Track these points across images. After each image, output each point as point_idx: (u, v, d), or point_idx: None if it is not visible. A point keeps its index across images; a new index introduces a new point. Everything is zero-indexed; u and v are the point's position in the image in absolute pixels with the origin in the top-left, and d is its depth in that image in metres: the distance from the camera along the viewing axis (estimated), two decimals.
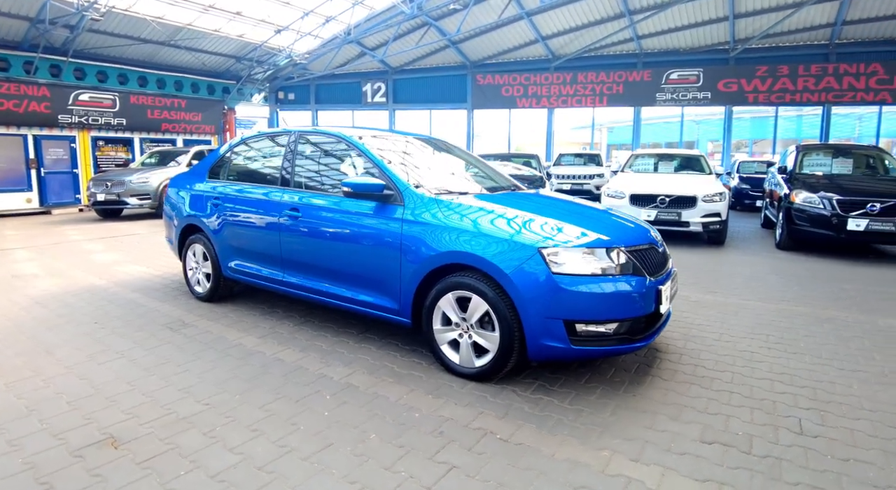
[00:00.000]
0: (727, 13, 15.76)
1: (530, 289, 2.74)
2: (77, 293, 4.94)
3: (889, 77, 16.10)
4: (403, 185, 3.32)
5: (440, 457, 2.26)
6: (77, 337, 3.71)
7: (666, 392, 3.00)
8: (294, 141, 4.06)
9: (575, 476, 2.18)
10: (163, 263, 6.37)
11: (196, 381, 2.98)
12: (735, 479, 2.22)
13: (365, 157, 3.62)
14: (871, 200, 7.12)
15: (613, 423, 2.63)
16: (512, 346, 2.83)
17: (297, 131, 4.08)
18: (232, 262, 4.30)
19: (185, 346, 3.52)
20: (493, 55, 19.85)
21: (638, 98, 18.94)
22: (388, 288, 3.28)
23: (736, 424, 2.67)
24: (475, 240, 2.92)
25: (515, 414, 2.67)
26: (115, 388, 2.88)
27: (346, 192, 3.37)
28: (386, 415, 2.61)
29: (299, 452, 2.27)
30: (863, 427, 2.69)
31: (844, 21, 15.48)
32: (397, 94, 21.50)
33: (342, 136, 3.84)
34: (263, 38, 17.96)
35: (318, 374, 3.08)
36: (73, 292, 4.97)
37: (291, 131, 4.12)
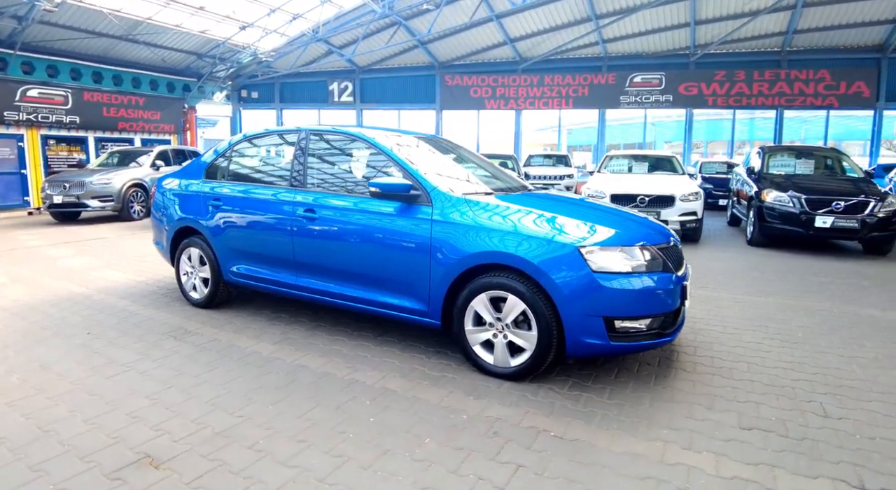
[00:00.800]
0: (689, 20, 16.35)
1: (571, 287, 2.77)
2: (56, 302, 4.64)
3: (835, 83, 17.08)
4: (430, 186, 3.29)
5: (502, 457, 2.26)
6: (72, 350, 3.49)
7: (693, 383, 3.09)
8: (304, 139, 3.93)
9: (637, 468, 2.23)
10: (144, 268, 6.08)
11: (221, 393, 2.85)
12: (783, 461, 2.33)
13: (385, 157, 3.55)
14: (836, 199, 7.54)
15: (655, 415, 2.70)
16: (550, 345, 2.85)
17: (308, 130, 3.96)
18: (235, 267, 4.14)
19: (197, 356, 3.37)
20: (461, 56, 19.93)
21: (602, 100, 19.41)
22: (416, 289, 3.23)
23: (766, 411, 2.79)
24: (512, 240, 2.93)
25: (560, 411, 2.69)
26: (134, 404, 2.72)
27: (374, 192, 3.29)
28: (433, 418, 2.58)
29: (357, 461, 2.20)
30: (877, 408, 2.87)
31: (795, 30, 16.33)
32: (364, 93, 21.29)
33: (360, 136, 3.76)
34: (227, 34, 17.44)
35: (350, 380, 3.00)
36: (51, 301, 4.67)
37: (301, 129, 3.99)
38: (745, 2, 15.34)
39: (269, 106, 22.06)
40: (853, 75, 16.93)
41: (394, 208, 3.33)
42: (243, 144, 4.37)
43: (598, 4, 16.14)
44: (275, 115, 22.15)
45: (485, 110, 20.52)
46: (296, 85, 21.62)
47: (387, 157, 3.54)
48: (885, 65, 16.66)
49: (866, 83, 16.87)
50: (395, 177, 3.39)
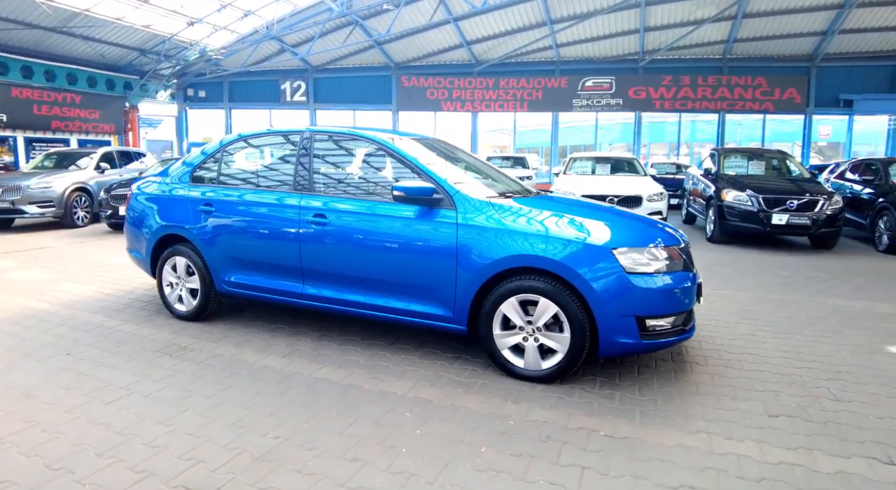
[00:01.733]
0: (639, 26, 17.01)
1: (606, 289, 2.80)
2: (17, 321, 4.14)
3: (771, 89, 18.24)
4: (452, 189, 3.21)
5: (564, 460, 2.24)
6: (55, 374, 3.10)
7: (711, 376, 3.19)
8: (308, 141, 3.73)
9: (692, 459, 2.28)
10: (108, 279, 5.62)
11: (244, 413, 2.63)
12: (816, 444, 2.45)
13: (400, 160, 3.43)
14: (790, 198, 8.03)
15: (688, 409, 2.76)
16: (583, 346, 2.86)
17: (312, 131, 3.77)
18: (230, 276, 3.86)
19: (203, 374, 3.12)
20: (417, 57, 19.89)
21: (556, 104, 19.88)
22: (441, 295, 3.15)
23: (785, 398, 2.92)
24: (544, 243, 2.91)
25: (600, 410, 2.70)
26: (150, 431, 2.43)
27: (398, 196, 3.16)
28: (480, 426, 2.51)
29: (422, 477, 2.10)
30: (877, 390, 3.07)
31: (736, 39, 17.31)
32: (318, 93, 20.87)
33: (371, 138, 3.61)
34: (174, 30, 16.65)
35: (379, 391, 2.87)
36: (10, 320, 4.17)
37: (304, 131, 3.80)
38: (691, 11, 16.11)
39: (218, 105, 21.23)
40: (787, 82, 18.13)
41: (414, 212, 3.23)
42: (237, 145, 4.11)
43: (553, 9, 16.51)
44: (223, 115, 21.35)
45: (441, 112, 20.56)
46: (246, 84, 20.92)
47: (402, 160, 3.42)
48: (814, 73, 17.94)
49: (798, 90, 18.11)
50: (416, 180, 3.25)
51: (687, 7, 15.96)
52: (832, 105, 17.94)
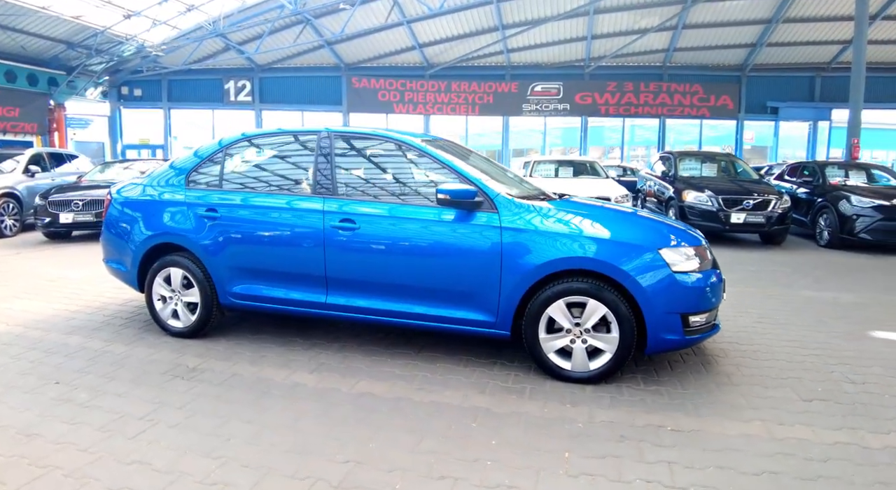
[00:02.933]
0: (586, 34, 17.60)
1: (655, 288, 2.85)
2: None
3: (707, 96, 19.39)
4: (493, 192, 3.13)
5: (648, 458, 2.24)
6: (50, 407, 2.68)
7: (736, 367, 3.32)
8: (327, 141, 3.52)
9: (759, 446, 2.37)
10: (68, 295, 4.99)
11: (296, 437, 2.38)
12: (855, 422, 2.62)
13: (434, 161, 3.33)
14: (746, 198, 8.54)
15: (731, 399, 2.86)
16: (632, 345, 2.90)
17: (331, 131, 3.56)
18: (238, 287, 3.55)
19: (228, 397, 2.81)
20: (368, 58, 19.65)
21: (506, 108, 20.22)
22: (483, 300, 3.05)
23: (809, 384, 3.08)
24: (594, 245, 2.91)
25: (655, 406, 2.74)
26: (198, 467, 2.14)
27: (443, 199, 3.03)
28: (551, 431, 2.46)
29: (521, 488, 2.03)
30: (880, 371, 3.31)
31: (675, 48, 18.28)
32: (264, 93, 20.17)
33: (400, 139, 3.47)
34: (108, 22, 15.56)
35: (432, 403, 2.74)
36: None
37: (321, 131, 3.57)
38: (636, 20, 16.87)
39: (156, 105, 20.07)
40: (721, 90, 19.34)
41: (453, 216, 3.11)
42: (240, 145, 3.82)
43: (505, 15, 16.79)
44: (162, 115, 20.20)
45: (393, 114, 20.40)
46: (187, 83, 19.88)
47: (437, 162, 3.32)
48: (744, 82, 19.24)
49: (730, 97, 19.36)
50: (457, 183, 3.13)
51: (632, 16, 16.70)
52: (760, 111, 19.29)
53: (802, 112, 19.05)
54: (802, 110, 19.03)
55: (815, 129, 19.36)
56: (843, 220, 8.37)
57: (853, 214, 8.27)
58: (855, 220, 8.23)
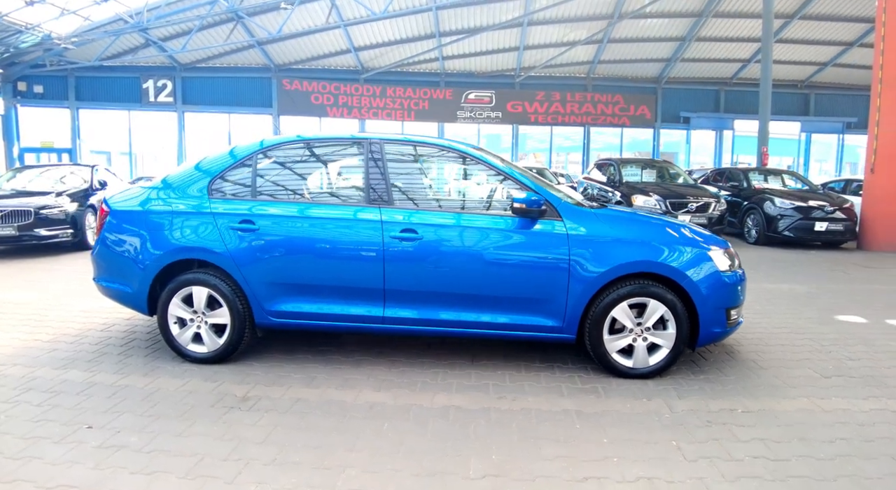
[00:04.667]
0: (519, 44, 18.26)
1: (708, 286, 3.10)
2: None
3: (627, 106, 20.77)
4: (557, 199, 3.21)
5: (742, 436, 2.46)
6: (104, 457, 2.26)
7: (755, 353, 3.66)
8: (376, 150, 3.39)
9: (818, 418, 2.69)
10: (22, 321, 4.21)
11: (417, 459, 2.27)
12: (873, 392, 3.04)
13: (488, 169, 3.36)
14: (689, 201, 9.29)
15: (769, 380, 3.18)
16: (685, 340, 3.13)
17: (378, 139, 3.43)
18: (278, 305, 3.31)
19: (309, 425, 2.59)
20: (300, 60, 19.12)
21: (441, 115, 20.46)
22: (551, 306, 3.12)
23: (820, 364, 3.47)
24: (655, 249, 3.10)
25: (717, 393, 2.97)
26: None
27: (518, 208, 3.07)
28: (648, 424, 2.58)
29: (661, 478, 2.12)
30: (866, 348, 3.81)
31: (600, 61, 19.43)
32: (187, 93, 18.99)
33: (456, 148, 3.45)
34: (4, 8, 13.92)
35: (523, 411, 2.73)
36: None
37: (370, 138, 3.43)
38: (566, 33, 17.76)
39: (61, 104, 18.25)
40: (639, 100, 20.80)
41: (516, 224, 3.15)
42: (274, 152, 3.54)
43: (443, 22, 17.04)
44: (69, 115, 18.37)
45: (327, 118, 19.98)
46: (99, 80, 18.26)
47: (498, 171, 3.36)
48: (660, 93, 20.83)
49: (648, 107, 20.87)
50: (524, 191, 3.17)
51: (563, 29, 17.57)
52: (674, 121, 20.97)
53: (710, 122, 20.96)
54: (710, 120, 20.94)
55: (720, 137, 21.35)
56: (768, 219, 9.34)
57: (777, 215, 9.26)
58: (779, 219, 9.22)
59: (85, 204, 8.29)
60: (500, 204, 3.39)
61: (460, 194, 3.50)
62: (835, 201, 9.30)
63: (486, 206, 3.48)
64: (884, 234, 8.72)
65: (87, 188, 8.72)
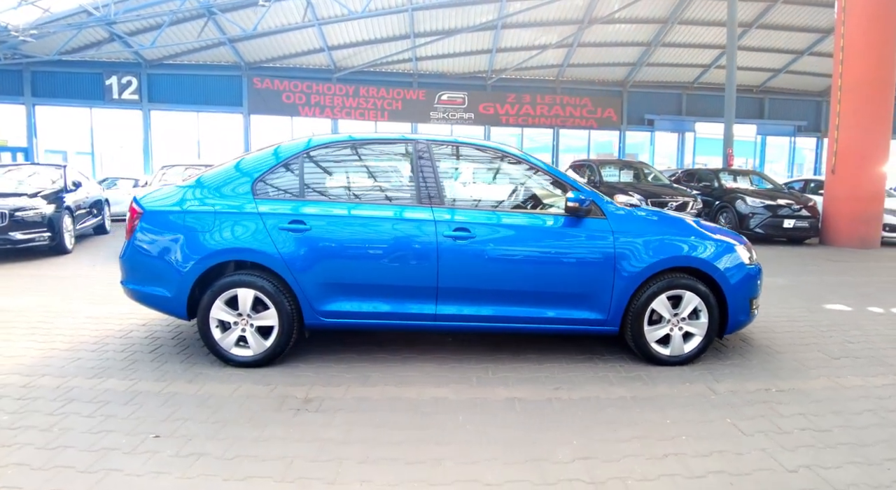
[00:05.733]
0: (491, 47, 18.55)
1: (737, 279, 3.39)
2: None
3: (595, 109, 21.39)
4: (600, 199, 3.38)
5: (784, 412, 2.77)
6: (185, 466, 2.21)
7: (767, 340, 3.99)
8: (425, 151, 3.46)
9: (842, 393, 3.02)
10: (31, 330, 3.97)
11: (509, 450, 2.38)
12: (878, 370, 3.40)
13: (530, 168, 3.54)
14: (669, 200, 9.76)
15: (788, 364, 3.49)
16: (716, 329, 3.39)
17: (426, 140, 3.52)
18: (329, 305, 3.32)
19: (392, 422, 2.62)
20: (271, 59, 18.83)
21: (414, 115, 20.53)
22: (596, 300, 3.31)
23: (826, 347, 3.82)
24: (690, 245, 3.35)
25: (748, 375, 3.26)
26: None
27: (572, 207, 3.24)
28: (699, 406, 2.81)
29: (727, 452, 2.34)
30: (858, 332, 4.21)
31: (569, 64, 19.94)
32: (154, 91, 18.40)
33: (501, 149, 3.60)
34: None
35: (583, 399, 2.90)
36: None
37: (419, 139, 3.52)
38: (537, 37, 18.16)
39: (15, 100, 17.36)
40: (606, 103, 21.45)
41: (565, 223, 3.32)
42: (321, 152, 3.55)
43: (418, 23, 17.14)
44: (24, 112, 17.49)
45: (299, 117, 19.75)
46: (57, 75, 17.46)
47: (543, 171, 3.52)
48: (625, 96, 21.55)
49: (614, 110, 21.55)
50: (572, 191, 3.33)
51: (535, 33, 17.96)
52: (639, 123, 21.74)
53: (673, 124, 21.83)
54: (672, 123, 21.81)
55: (682, 139, 22.27)
56: (740, 217, 9.90)
57: (749, 213, 9.84)
58: (750, 217, 9.80)
59: (61, 206, 7.97)
60: (549, 203, 3.56)
61: (507, 194, 3.65)
62: (800, 200, 9.95)
63: (534, 206, 3.64)
64: (845, 230, 9.39)
65: (60, 189, 8.39)
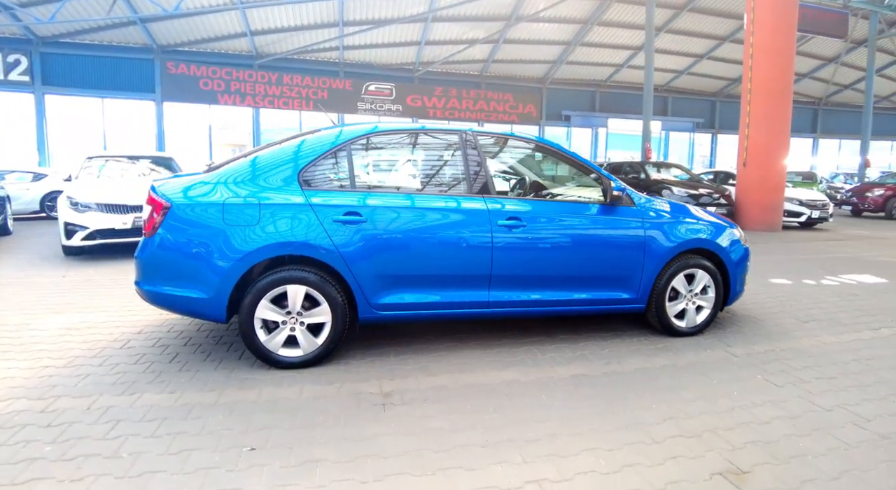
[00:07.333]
0: (420, 39, 18.65)
1: (738, 257, 3.90)
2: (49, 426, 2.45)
3: (517, 104, 22.23)
4: (629, 189, 3.69)
5: (796, 365, 3.29)
6: (307, 474, 2.10)
7: (748, 311, 4.56)
8: (473, 142, 3.54)
9: (835, 347, 3.59)
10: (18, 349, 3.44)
11: (602, 419, 2.56)
12: (845, 328, 4.04)
13: (566, 159, 3.77)
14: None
15: (775, 328, 4.05)
16: (722, 301, 3.87)
17: (473, 131, 3.60)
18: (385, 298, 3.28)
19: (475, 408, 2.68)
20: (188, 42, 17.61)
21: (341, 105, 20.15)
22: (630, 281, 3.63)
23: (794, 313, 4.46)
24: (704, 230, 3.79)
25: (752, 339, 3.75)
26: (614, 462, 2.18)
27: (617, 196, 3.52)
28: (729, 368, 3.20)
29: (749, 402, 2.83)
30: (814, 302, 4.88)
31: (493, 60, 20.54)
32: (48, 73, 16.51)
33: (539, 140, 3.84)
34: None
35: (634, 370, 3.17)
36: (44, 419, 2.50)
37: (465, 130, 3.58)
38: (465, 31, 18.53)
39: None
40: (527, 99, 22.36)
41: (604, 210, 3.59)
42: (371, 141, 3.49)
43: (347, 12, 16.83)
44: None
45: (218, 105, 18.68)
46: None
47: (576, 163, 3.75)
48: (544, 93, 22.58)
49: (534, 105, 22.53)
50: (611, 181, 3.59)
51: (464, 27, 18.30)
52: (557, 119, 22.90)
53: (588, 120, 23.22)
54: (587, 119, 23.21)
55: (595, 134, 23.76)
56: None
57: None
58: None
59: None
60: (583, 193, 3.83)
61: (548, 184, 3.87)
62: (718, 189, 11.15)
63: (576, 195, 3.89)
64: (755, 216, 10.67)
65: None
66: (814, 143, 27.67)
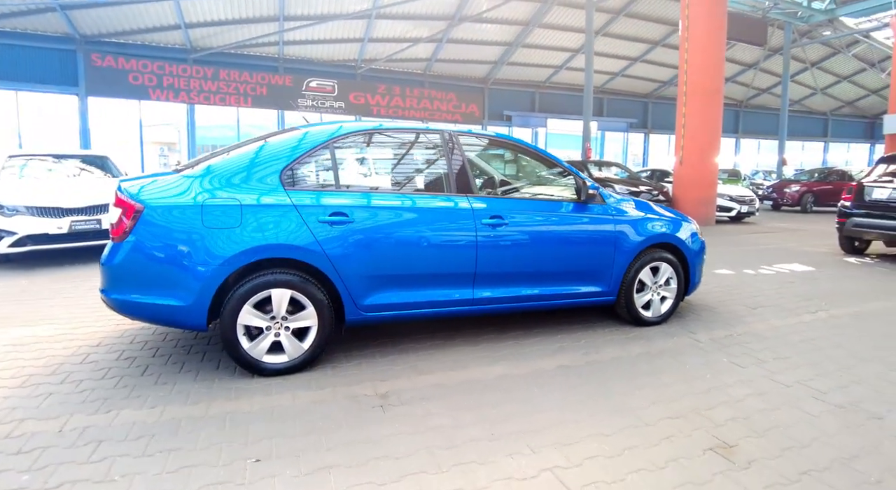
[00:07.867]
0: (363, 36, 18.45)
1: (696, 249, 4.17)
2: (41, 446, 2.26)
3: (460, 103, 22.43)
4: (599, 187, 3.84)
5: (757, 347, 3.57)
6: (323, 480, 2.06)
7: (701, 300, 4.86)
8: (455, 142, 3.56)
9: (781, 331, 3.89)
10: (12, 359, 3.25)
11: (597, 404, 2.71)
12: (789, 313, 4.39)
13: (542, 159, 3.88)
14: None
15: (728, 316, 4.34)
16: (682, 292, 4.11)
17: (454, 131, 3.61)
18: (371, 299, 3.23)
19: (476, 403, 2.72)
20: (116, 33, 16.55)
21: (281, 102, 19.63)
22: (602, 275, 3.80)
23: (743, 301, 4.79)
24: (667, 226, 4.01)
25: (713, 326, 4.01)
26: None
27: (592, 194, 3.66)
28: (696, 352, 3.42)
29: (748, 380, 3.04)
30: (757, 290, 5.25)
31: (437, 59, 20.63)
32: None
33: (520, 142, 3.92)
34: None
35: (612, 360, 3.30)
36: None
37: (445, 130, 3.60)
38: (409, 30, 18.50)
39: None
40: (470, 98, 22.62)
41: (579, 208, 3.74)
42: (352, 140, 3.41)
43: (289, 6, 16.40)
44: None
45: (149, 101, 17.69)
46: None
47: (551, 162, 3.88)
48: (487, 93, 22.93)
49: (477, 105, 22.82)
50: (573, 180, 3.76)
51: (407, 26, 18.26)
52: (499, 118, 23.30)
53: (528, 120, 23.78)
54: (527, 119, 23.77)
55: (536, 134, 24.37)
56: None
57: None
58: None
59: None
60: (556, 192, 3.92)
61: (525, 182, 3.96)
62: (656, 186, 11.74)
63: (550, 193, 3.98)
64: (691, 211, 11.27)
65: None
66: (736, 142, 29.66)
